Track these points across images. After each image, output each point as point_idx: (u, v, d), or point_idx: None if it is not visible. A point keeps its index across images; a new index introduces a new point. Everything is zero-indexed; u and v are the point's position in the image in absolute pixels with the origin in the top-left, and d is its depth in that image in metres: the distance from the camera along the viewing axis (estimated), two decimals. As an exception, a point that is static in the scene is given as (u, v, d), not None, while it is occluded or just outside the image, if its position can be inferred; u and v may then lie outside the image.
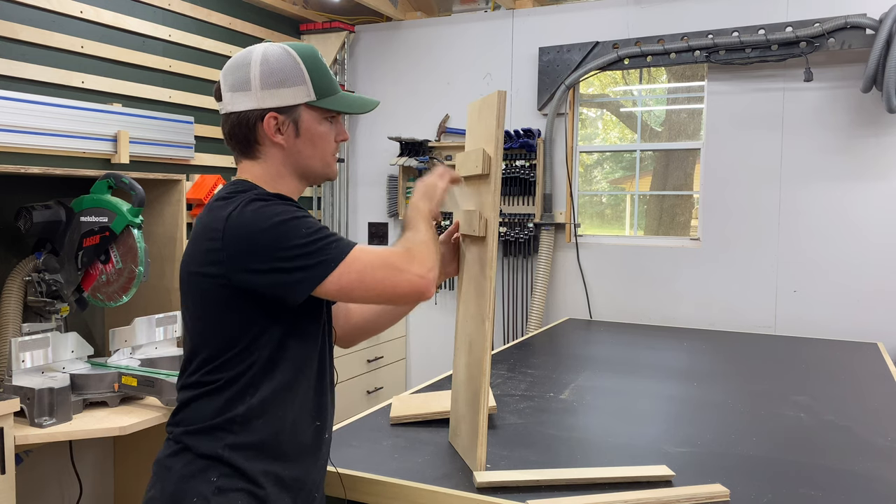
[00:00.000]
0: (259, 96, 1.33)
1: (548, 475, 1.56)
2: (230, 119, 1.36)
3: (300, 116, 1.35)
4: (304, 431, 1.36)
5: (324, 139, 1.39)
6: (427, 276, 1.31)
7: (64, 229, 2.58)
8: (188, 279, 1.33)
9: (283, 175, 1.38)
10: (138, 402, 2.46)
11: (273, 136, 1.34)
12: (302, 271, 1.24)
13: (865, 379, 2.61)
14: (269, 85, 1.33)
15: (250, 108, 1.33)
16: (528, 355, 2.94)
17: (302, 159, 1.38)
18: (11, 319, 2.51)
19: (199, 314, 1.33)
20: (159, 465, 1.34)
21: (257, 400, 1.29)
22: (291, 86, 1.34)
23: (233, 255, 1.25)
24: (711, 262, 3.76)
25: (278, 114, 1.33)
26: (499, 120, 1.52)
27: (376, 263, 1.29)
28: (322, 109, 1.37)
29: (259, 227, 1.24)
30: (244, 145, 1.37)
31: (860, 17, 3.25)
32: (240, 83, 1.34)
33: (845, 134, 3.48)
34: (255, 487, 1.28)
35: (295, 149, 1.37)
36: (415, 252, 1.33)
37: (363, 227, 4.63)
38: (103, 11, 3.05)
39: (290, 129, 1.35)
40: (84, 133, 2.85)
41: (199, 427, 1.30)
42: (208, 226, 1.29)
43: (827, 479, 1.61)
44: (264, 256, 1.24)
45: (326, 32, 4.35)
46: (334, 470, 1.57)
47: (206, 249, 1.28)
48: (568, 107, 4.01)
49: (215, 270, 1.27)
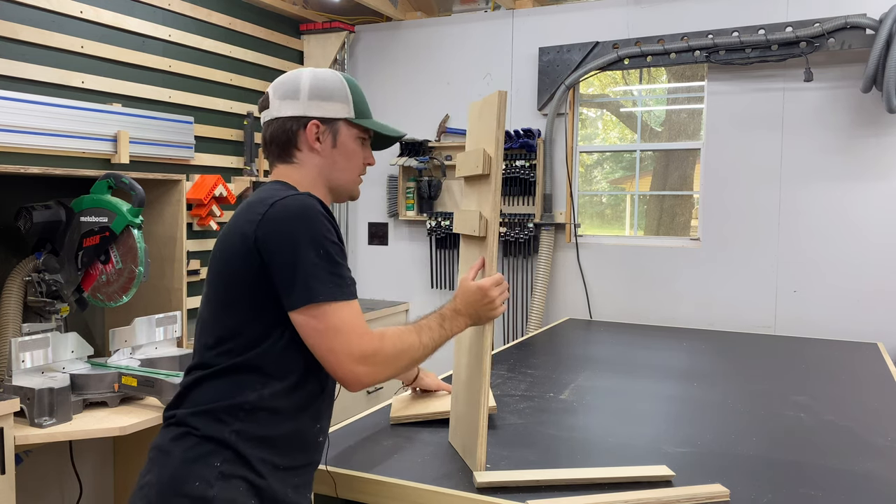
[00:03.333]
0: (306, 105, 1.44)
1: (548, 475, 1.56)
2: (274, 123, 1.46)
3: (339, 129, 1.47)
4: (306, 430, 1.38)
5: (356, 156, 1.50)
6: (365, 378, 1.32)
7: (64, 229, 2.58)
8: (220, 254, 1.38)
9: (317, 184, 1.46)
10: (138, 402, 2.46)
11: (312, 143, 1.45)
12: (306, 288, 1.28)
13: (865, 379, 2.61)
14: (315, 96, 1.45)
15: (296, 114, 1.44)
16: (528, 355, 2.94)
17: (335, 170, 1.47)
18: (11, 319, 2.51)
19: (220, 290, 1.37)
20: (157, 450, 1.33)
21: (268, 392, 1.32)
22: (335, 101, 1.46)
23: (267, 232, 1.30)
24: (711, 262, 3.76)
25: (320, 123, 1.45)
26: (499, 120, 1.52)
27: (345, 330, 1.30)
28: (358, 129, 1.49)
29: (302, 223, 1.30)
30: (283, 149, 1.46)
31: (860, 17, 3.25)
32: (290, 92, 1.45)
33: (845, 134, 3.47)
34: (255, 476, 1.29)
35: (331, 158, 1.46)
36: (388, 351, 1.34)
37: (363, 226, 4.63)
38: (103, 11, 3.05)
39: (329, 139, 1.46)
40: (84, 133, 2.86)
41: (205, 408, 1.32)
42: (252, 206, 1.35)
43: (827, 479, 1.61)
44: (294, 248, 1.29)
45: (326, 32, 4.34)
46: (324, 468, 1.58)
47: (247, 220, 1.33)
48: (568, 107, 4.01)
49: (244, 247, 1.31)
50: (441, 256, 4.34)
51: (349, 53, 4.50)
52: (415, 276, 4.41)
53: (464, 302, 1.50)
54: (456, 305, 1.50)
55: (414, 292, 4.44)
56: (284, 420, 1.34)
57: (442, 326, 1.45)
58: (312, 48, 4.34)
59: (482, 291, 1.50)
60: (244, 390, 1.31)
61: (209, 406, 1.31)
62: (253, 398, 1.31)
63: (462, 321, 1.49)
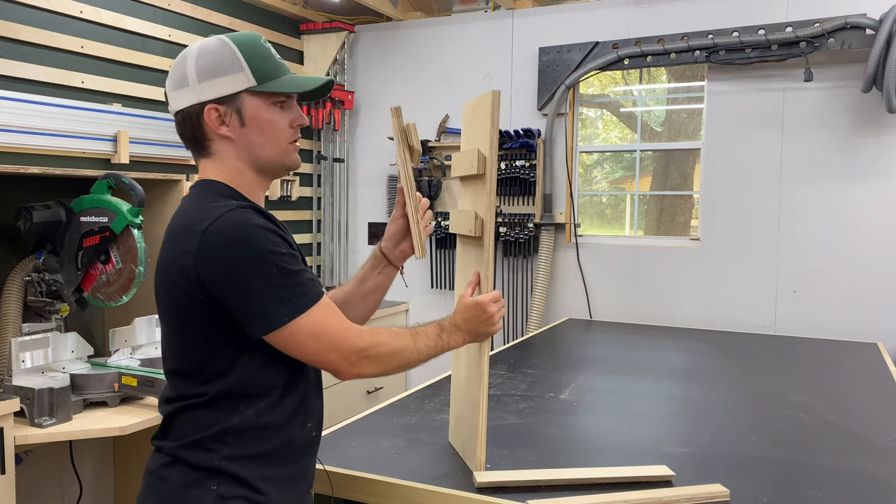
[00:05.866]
0: (197, 90, 1.29)
1: (548, 475, 1.56)
2: (177, 119, 1.33)
3: (242, 104, 1.30)
4: (298, 435, 1.34)
5: (274, 125, 1.32)
6: (356, 370, 1.28)
7: (64, 229, 2.58)
8: (163, 290, 1.29)
9: (241, 170, 1.33)
10: (138, 402, 2.46)
11: (217, 129, 1.30)
12: (261, 311, 1.21)
13: (865, 379, 2.61)
14: (204, 77, 1.28)
15: (191, 103, 1.29)
16: (528, 355, 2.94)
17: (254, 149, 1.32)
18: (11, 319, 2.51)
19: (174, 328, 1.30)
20: (152, 475, 1.30)
21: (252, 412, 1.26)
22: (227, 74, 1.28)
23: (209, 268, 1.21)
24: (711, 262, 3.76)
25: (218, 105, 1.29)
26: (493, 119, 1.51)
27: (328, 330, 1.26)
28: (267, 94, 1.31)
29: (242, 248, 1.20)
30: (195, 143, 1.33)
31: (860, 17, 3.25)
32: (179, 81, 1.31)
33: (845, 134, 3.47)
34: (255, 494, 1.26)
35: (244, 139, 1.31)
36: (381, 349, 1.30)
37: (363, 227, 4.63)
38: (103, 11, 3.05)
39: (234, 119, 1.30)
40: (84, 133, 2.85)
41: (191, 440, 1.26)
42: (182, 235, 1.24)
43: (827, 479, 1.61)
44: (242, 277, 1.20)
45: (326, 32, 4.34)
46: (322, 467, 1.57)
47: (182, 252, 1.23)
48: (568, 107, 4.01)
49: (187, 283, 1.22)
50: (441, 256, 4.34)
51: (349, 53, 4.50)
52: (415, 276, 4.41)
53: (463, 318, 1.46)
54: (455, 320, 1.46)
55: (414, 292, 4.44)
56: (274, 434, 1.29)
57: (440, 336, 1.41)
58: (312, 48, 4.34)
59: (480, 307, 1.47)
60: (227, 414, 1.25)
61: (194, 437, 1.26)
62: (237, 421, 1.25)
63: (461, 336, 1.46)
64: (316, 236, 4.54)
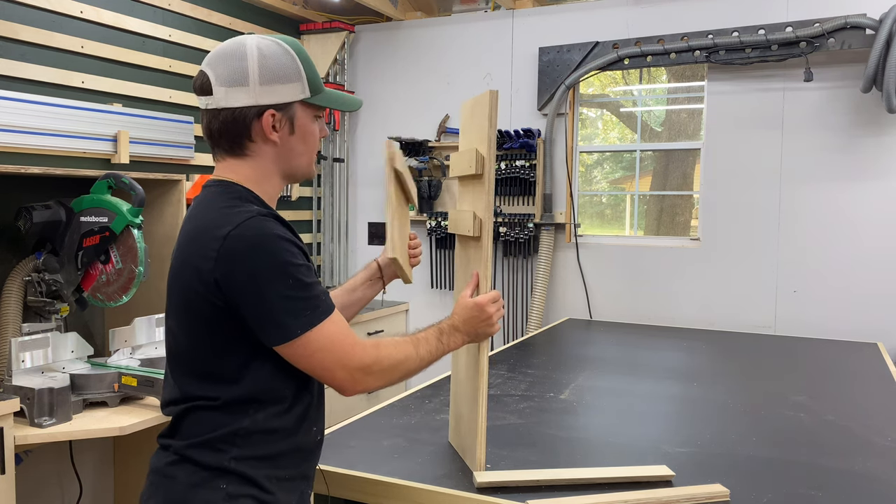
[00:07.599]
0: (257, 92, 1.28)
1: (548, 475, 1.56)
2: (222, 115, 1.30)
3: (296, 113, 1.32)
4: (305, 440, 1.36)
5: (313, 136, 1.36)
6: (360, 387, 1.29)
7: (64, 229, 2.57)
8: (177, 290, 1.30)
9: (271, 174, 1.34)
10: (138, 402, 2.46)
11: (269, 134, 1.30)
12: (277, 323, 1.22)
13: (865, 379, 2.61)
14: (267, 80, 1.28)
15: (247, 104, 1.28)
16: (528, 355, 2.94)
17: (293, 157, 1.34)
18: (11, 319, 2.51)
19: (186, 330, 1.30)
20: (158, 474, 1.30)
21: (262, 416, 1.27)
22: (288, 82, 1.30)
23: (227, 272, 1.21)
24: (711, 262, 3.76)
25: (276, 111, 1.30)
26: (491, 119, 1.51)
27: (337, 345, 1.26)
28: (313, 107, 1.35)
29: (263, 255, 1.21)
30: (232, 142, 1.32)
31: (860, 17, 3.25)
32: (236, 78, 1.28)
33: (845, 134, 3.47)
34: (263, 493, 1.27)
35: (288, 146, 1.33)
36: (384, 363, 1.31)
37: (363, 227, 4.63)
38: (103, 11, 3.05)
39: (286, 126, 1.32)
40: (84, 133, 2.85)
41: (201, 440, 1.27)
42: (201, 238, 1.25)
43: (827, 479, 1.61)
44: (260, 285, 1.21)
45: (326, 32, 4.34)
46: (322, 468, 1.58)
47: (201, 256, 1.24)
48: (568, 107, 4.01)
49: (203, 287, 1.23)
50: (441, 256, 4.34)
51: (349, 53, 4.50)
52: (415, 276, 4.40)
53: (462, 319, 1.48)
54: (454, 322, 1.47)
55: (414, 292, 4.44)
56: (282, 438, 1.30)
57: (440, 340, 1.42)
58: (312, 48, 4.34)
59: (479, 308, 1.48)
60: (238, 417, 1.26)
61: (204, 438, 1.26)
62: (247, 424, 1.26)
63: (460, 337, 1.47)
64: (316, 236, 4.54)
